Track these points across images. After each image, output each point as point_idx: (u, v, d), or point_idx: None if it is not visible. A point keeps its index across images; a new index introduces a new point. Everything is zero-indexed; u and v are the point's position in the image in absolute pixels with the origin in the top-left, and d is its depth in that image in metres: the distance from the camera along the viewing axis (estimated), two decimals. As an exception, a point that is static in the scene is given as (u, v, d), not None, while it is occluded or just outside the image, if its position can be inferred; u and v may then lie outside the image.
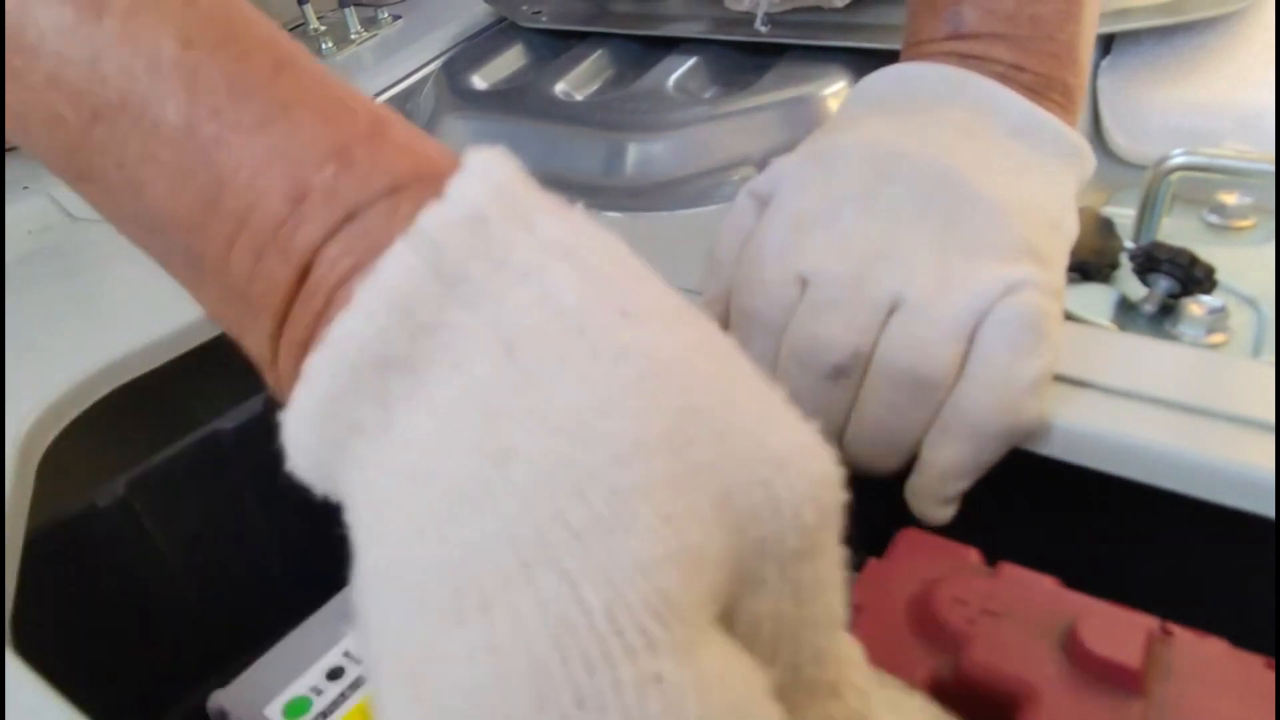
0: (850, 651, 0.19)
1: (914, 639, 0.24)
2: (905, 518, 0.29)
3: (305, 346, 0.17)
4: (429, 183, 0.17)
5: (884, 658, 0.24)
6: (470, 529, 0.15)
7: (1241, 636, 0.23)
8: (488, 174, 0.17)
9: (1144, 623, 0.23)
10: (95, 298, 0.41)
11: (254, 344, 0.19)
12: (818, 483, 0.16)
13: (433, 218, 0.16)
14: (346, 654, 0.33)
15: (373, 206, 0.17)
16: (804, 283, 0.29)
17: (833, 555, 0.17)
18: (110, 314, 0.40)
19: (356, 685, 0.32)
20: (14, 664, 0.26)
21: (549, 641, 0.14)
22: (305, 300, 0.17)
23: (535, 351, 0.16)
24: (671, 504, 0.15)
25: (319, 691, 0.32)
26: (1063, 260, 0.31)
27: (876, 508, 0.30)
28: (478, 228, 0.16)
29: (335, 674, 0.32)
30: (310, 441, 0.17)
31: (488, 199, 0.17)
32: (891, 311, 0.28)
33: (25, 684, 0.25)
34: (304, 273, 0.17)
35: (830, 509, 0.16)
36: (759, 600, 0.16)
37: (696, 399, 0.16)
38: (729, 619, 0.16)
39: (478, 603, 0.15)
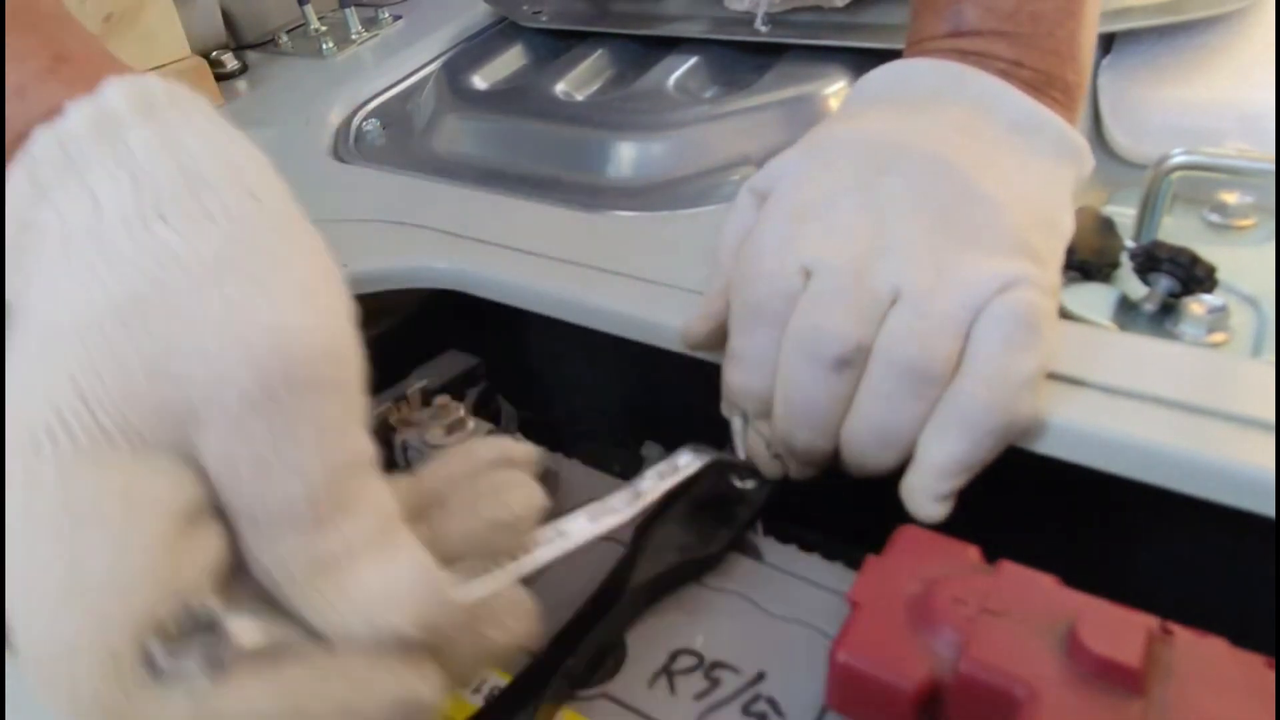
0: (376, 502, 0.22)
1: (913, 637, 0.24)
2: (904, 515, 0.29)
3: None
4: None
5: (883, 656, 0.24)
6: (12, 369, 0.21)
7: (1241, 636, 0.23)
8: (100, 98, 0.22)
9: (1144, 622, 0.23)
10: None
11: None
12: (261, 351, 0.20)
13: (38, 136, 0.22)
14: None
15: (32, 127, 0.22)
16: (805, 273, 0.29)
17: (298, 416, 0.20)
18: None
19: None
20: (15, 665, 0.26)
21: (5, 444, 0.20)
22: None
23: (70, 247, 0.21)
24: (97, 360, 0.20)
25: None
26: (1058, 258, 0.31)
27: (875, 504, 0.30)
28: (68, 144, 0.21)
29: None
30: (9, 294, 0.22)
31: (84, 120, 0.21)
32: (891, 303, 0.28)
33: (26, 685, 0.25)
34: None
35: (279, 374, 0.20)
36: (208, 438, 0.20)
37: (170, 282, 0.20)
38: (196, 455, 0.21)
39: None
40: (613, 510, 0.29)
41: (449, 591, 0.22)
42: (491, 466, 0.25)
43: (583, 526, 0.27)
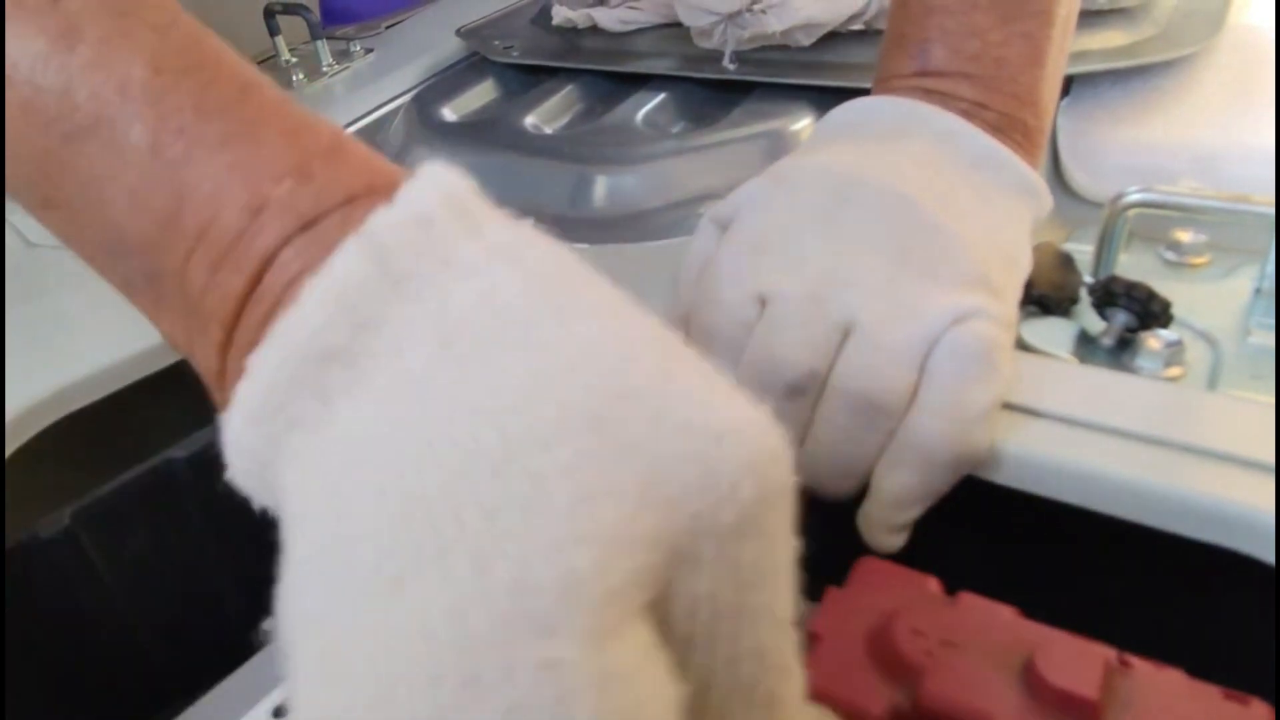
0: (796, 669, 0.18)
1: (872, 670, 0.24)
2: (866, 546, 0.29)
3: (252, 348, 0.17)
4: (383, 193, 0.18)
5: (842, 689, 0.24)
6: (394, 511, 0.15)
7: (1199, 667, 0.23)
8: (438, 182, 0.18)
9: (1102, 653, 0.23)
10: (46, 324, 0.40)
11: (204, 359, 0.19)
12: (758, 455, 0.16)
13: (382, 219, 0.17)
14: (294, 690, 0.32)
15: (328, 216, 0.18)
16: (762, 302, 0.29)
17: (779, 542, 0.17)
18: (61, 340, 0.39)
19: (304, 723, 0.31)
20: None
21: (446, 619, 0.14)
22: (255, 304, 0.18)
23: (471, 344, 0.16)
24: (591, 484, 0.15)
25: (265, 730, 0.31)
26: (1015, 293, 0.31)
27: (836, 535, 0.29)
28: (425, 228, 0.17)
29: (280, 712, 0.31)
30: (250, 440, 0.17)
31: (436, 204, 0.17)
32: (846, 334, 0.28)
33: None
34: (256, 280, 0.18)
35: (773, 484, 0.16)
36: (696, 579, 0.16)
37: (630, 382, 0.16)
38: (665, 605, 0.16)
39: (392, 581, 0.15)
40: None
41: None
42: None
43: None
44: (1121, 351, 0.35)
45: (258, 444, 0.17)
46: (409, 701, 0.14)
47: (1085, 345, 0.36)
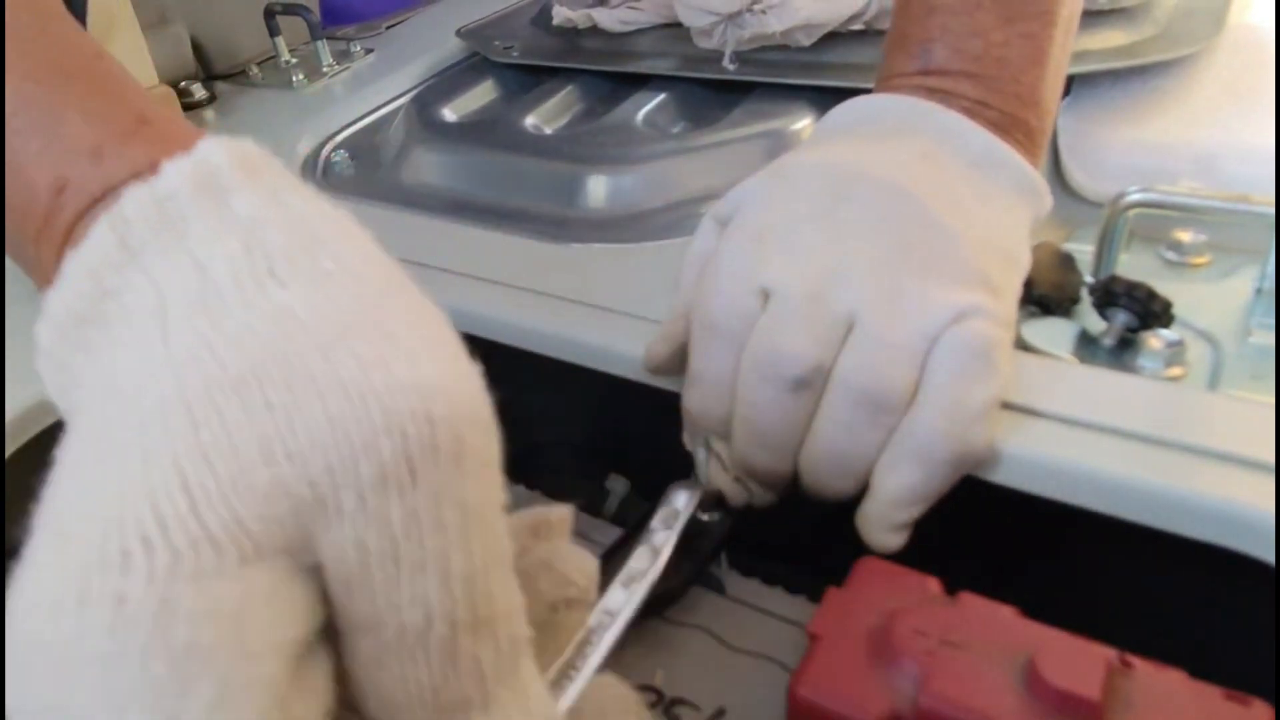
0: (502, 630, 0.18)
1: (873, 670, 0.24)
2: (866, 546, 0.29)
3: None
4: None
5: (842, 689, 0.24)
6: (88, 461, 0.17)
7: (1200, 667, 0.23)
8: (202, 158, 0.19)
9: (1103, 654, 0.23)
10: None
11: None
12: (401, 416, 0.17)
13: (132, 195, 0.19)
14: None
15: (114, 191, 0.20)
16: (765, 295, 0.29)
17: (444, 499, 0.17)
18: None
19: None
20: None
21: (55, 551, 0.16)
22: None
23: (179, 312, 0.18)
24: (211, 440, 0.17)
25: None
26: (1015, 291, 0.31)
27: (836, 535, 0.29)
28: (167, 205, 0.19)
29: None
30: (53, 393, 0.20)
31: (185, 179, 0.19)
32: (849, 330, 0.28)
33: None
34: (61, 254, 0.20)
35: (422, 443, 0.17)
36: (339, 528, 0.17)
37: (291, 346, 0.17)
38: (317, 552, 0.17)
39: (58, 531, 0.17)
40: (640, 574, 0.28)
41: None
42: (531, 535, 0.23)
43: (621, 598, 0.27)
44: (1122, 351, 0.35)
45: (58, 395, 0.20)
46: (27, 623, 0.16)
47: (1086, 345, 0.36)
